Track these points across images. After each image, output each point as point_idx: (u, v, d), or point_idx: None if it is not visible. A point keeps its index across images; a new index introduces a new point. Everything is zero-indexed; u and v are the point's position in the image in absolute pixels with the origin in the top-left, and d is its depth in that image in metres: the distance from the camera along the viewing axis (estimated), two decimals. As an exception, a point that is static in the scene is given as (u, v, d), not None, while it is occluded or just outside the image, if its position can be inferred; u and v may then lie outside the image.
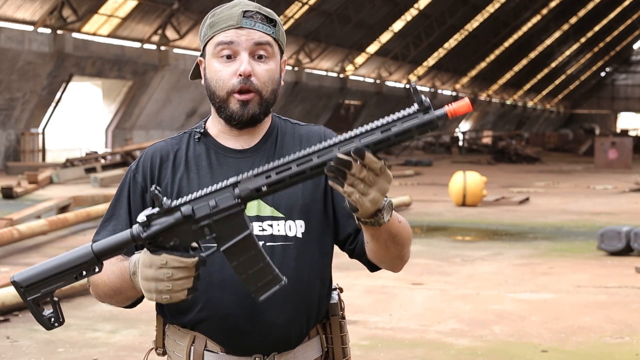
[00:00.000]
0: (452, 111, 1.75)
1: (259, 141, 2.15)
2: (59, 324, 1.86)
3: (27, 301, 1.84)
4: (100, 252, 1.83)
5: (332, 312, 2.18)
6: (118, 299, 2.05)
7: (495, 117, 64.55)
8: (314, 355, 2.14)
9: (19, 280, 1.84)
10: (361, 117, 45.70)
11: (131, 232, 1.82)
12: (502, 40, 52.66)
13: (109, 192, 16.47)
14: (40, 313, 1.85)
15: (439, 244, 11.23)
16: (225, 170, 2.11)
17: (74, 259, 1.83)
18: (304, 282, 2.08)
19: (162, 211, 1.80)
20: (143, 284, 1.84)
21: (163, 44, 29.93)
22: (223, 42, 2.05)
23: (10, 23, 24.52)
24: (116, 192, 2.17)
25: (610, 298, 7.74)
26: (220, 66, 2.07)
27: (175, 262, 1.80)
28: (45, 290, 1.83)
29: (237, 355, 2.07)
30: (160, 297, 1.82)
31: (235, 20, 2.06)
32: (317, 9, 34.92)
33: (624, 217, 14.16)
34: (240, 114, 2.07)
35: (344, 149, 1.74)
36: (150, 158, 2.16)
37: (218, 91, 2.07)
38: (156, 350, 2.17)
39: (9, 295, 6.90)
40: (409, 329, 6.62)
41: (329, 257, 2.18)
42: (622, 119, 78.21)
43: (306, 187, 2.10)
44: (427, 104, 1.74)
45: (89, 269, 1.83)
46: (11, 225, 10.64)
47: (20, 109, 25.95)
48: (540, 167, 31.72)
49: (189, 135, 2.19)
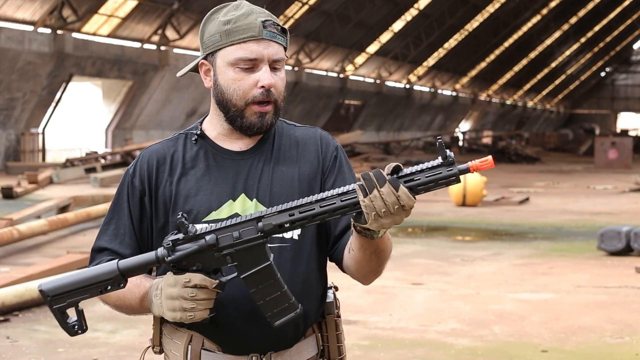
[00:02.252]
0: (475, 167, 1.83)
1: (257, 143, 2.16)
2: (82, 332, 1.95)
3: (54, 309, 1.93)
4: (126, 270, 1.92)
5: (327, 310, 2.19)
6: (125, 312, 2.13)
7: (495, 117, 64.55)
8: (310, 354, 2.16)
9: (46, 289, 1.92)
10: (361, 117, 45.71)
11: (156, 254, 1.91)
12: (502, 40, 52.65)
13: (109, 192, 16.48)
14: (65, 320, 1.93)
15: (439, 244, 11.23)
16: (224, 172, 2.12)
17: (100, 274, 1.92)
18: (300, 283, 2.09)
19: (187, 238, 1.89)
20: (167, 303, 1.92)
21: (163, 44, 29.93)
22: (246, 58, 2.06)
23: (10, 23, 24.52)
24: (115, 196, 2.18)
25: (610, 298, 7.74)
26: (238, 75, 2.07)
27: (198, 280, 1.89)
28: (71, 300, 1.92)
29: (234, 354, 2.09)
30: (185, 316, 1.91)
31: (257, 31, 2.06)
32: (317, 9, 34.92)
33: (624, 217, 14.16)
34: (260, 126, 2.09)
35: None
36: (147, 161, 2.16)
37: (236, 100, 2.08)
38: (153, 348, 2.18)
39: (8, 295, 6.90)
40: (409, 329, 6.62)
41: (324, 258, 2.20)
42: (622, 119, 78.21)
43: (302, 189, 2.12)
44: (451, 159, 1.82)
45: (113, 285, 1.92)
46: (11, 225, 10.64)
47: (20, 109, 25.95)
48: (540, 167, 31.72)
49: (185, 136, 2.19)
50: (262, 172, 2.12)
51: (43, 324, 6.65)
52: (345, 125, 43.82)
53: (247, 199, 2.10)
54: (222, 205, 2.09)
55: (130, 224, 2.13)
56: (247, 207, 2.09)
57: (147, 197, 2.14)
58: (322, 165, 2.17)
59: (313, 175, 2.16)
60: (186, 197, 2.10)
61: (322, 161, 2.17)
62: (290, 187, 2.11)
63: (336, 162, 2.19)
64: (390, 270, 9.08)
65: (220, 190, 2.10)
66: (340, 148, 2.23)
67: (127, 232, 2.14)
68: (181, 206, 2.09)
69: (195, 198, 2.09)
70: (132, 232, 2.14)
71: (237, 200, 2.10)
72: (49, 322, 6.71)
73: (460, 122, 60.58)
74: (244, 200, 2.10)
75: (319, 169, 2.17)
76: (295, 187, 2.12)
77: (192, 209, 2.09)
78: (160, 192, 2.13)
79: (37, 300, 7.09)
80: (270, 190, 2.10)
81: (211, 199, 2.09)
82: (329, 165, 2.18)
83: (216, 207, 2.09)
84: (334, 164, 2.18)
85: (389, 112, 48.01)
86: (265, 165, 2.13)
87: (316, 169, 2.16)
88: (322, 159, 2.18)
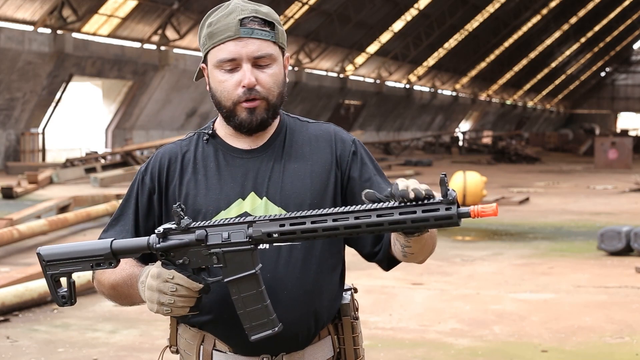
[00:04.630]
0: (477, 212, 1.72)
1: (267, 140, 2.15)
2: (70, 304, 1.97)
3: (47, 275, 1.96)
4: (117, 250, 1.93)
5: (343, 312, 2.17)
6: (122, 302, 2.11)
7: (495, 117, 64.55)
8: (325, 356, 2.14)
9: (43, 254, 1.97)
10: (361, 117, 45.70)
11: (148, 240, 1.91)
12: (502, 40, 52.66)
13: (109, 192, 16.47)
14: (56, 289, 1.96)
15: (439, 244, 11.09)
16: (233, 170, 2.12)
17: (94, 250, 1.94)
18: (311, 283, 2.08)
19: (180, 229, 1.88)
20: (147, 293, 1.90)
21: (163, 44, 29.93)
22: (225, 59, 2.05)
23: (10, 23, 24.51)
24: (126, 193, 2.20)
25: (610, 298, 7.74)
26: (224, 77, 2.07)
27: (181, 281, 1.87)
28: (64, 270, 1.95)
29: (245, 355, 2.08)
30: (162, 309, 1.89)
31: (233, 30, 2.04)
32: (317, 9, 34.92)
33: (624, 217, 14.16)
34: (249, 121, 2.08)
35: (360, 221, 1.78)
36: (159, 160, 2.17)
37: (224, 102, 2.08)
38: (170, 348, 2.19)
39: (8, 295, 6.90)
40: (409, 329, 6.62)
41: (338, 258, 2.17)
42: (622, 119, 78.21)
43: (314, 186, 2.10)
44: (451, 198, 1.73)
45: (105, 262, 1.93)
46: (11, 225, 10.64)
47: (20, 109, 25.94)
48: (540, 167, 31.72)
49: (197, 136, 2.19)
50: (272, 170, 2.11)
51: (43, 324, 6.65)
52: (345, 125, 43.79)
53: (257, 197, 2.09)
54: (231, 205, 2.08)
55: (135, 221, 2.14)
56: (257, 205, 2.08)
57: (157, 196, 2.14)
58: (339, 162, 2.15)
59: (327, 172, 2.13)
60: (195, 196, 2.10)
61: (338, 158, 2.15)
62: (302, 184, 2.10)
63: (356, 157, 2.16)
64: (390, 270, 9.08)
65: (229, 189, 2.10)
66: (358, 142, 2.19)
67: (131, 229, 2.14)
68: (191, 205, 2.09)
69: (204, 197, 2.09)
70: (136, 230, 2.15)
71: (246, 199, 2.09)
72: (49, 322, 6.72)
73: (460, 122, 60.58)
74: (253, 198, 2.09)
75: (332, 165, 2.14)
76: (307, 184, 2.10)
77: (202, 208, 2.09)
78: (170, 192, 2.13)
79: (37, 300, 7.09)
80: (281, 188, 2.08)
81: (220, 198, 2.09)
82: (349, 161, 2.15)
83: (225, 207, 2.08)
84: (353, 159, 2.15)
85: (389, 112, 48.01)
86: (276, 163, 2.12)
87: (330, 166, 2.14)
88: (339, 155, 2.15)
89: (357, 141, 2.19)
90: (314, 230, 1.81)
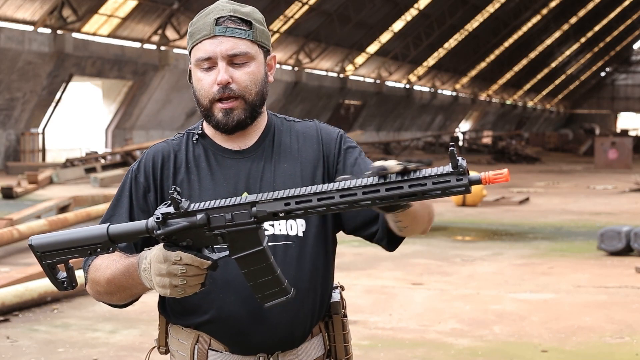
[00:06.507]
0: (488, 179, 1.70)
1: (256, 141, 2.16)
2: (71, 288, 1.94)
3: (43, 265, 1.92)
4: (115, 235, 1.88)
5: (334, 310, 2.19)
6: (120, 296, 2.03)
7: (495, 117, 64.55)
8: (317, 354, 2.16)
9: (35, 245, 1.91)
10: (361, 117, 45.70)
11: (146, 223, 1.86)
12: (502, 40, 52.65)
13: (109, 192, 16.47)
14: (55, 276, 1.93)
15: (439, 244, 11.22)
16: (225, 171, 2.12)
17: (90, 237, 1.89)
18: (306, 281, 2.10)
19: (178, 213, 1.84)
20: (157, 279, 1.85)
21: (163, 44, 29.93)
22: (202, 57, 2.07)
23: (10, 23, 24.52)
24: (117, 193, 2.18)
25: (610, 298, 7.74)
26: (201, 75, 2.09)
27: (189, 260, 1.82)
28: (61, 258, 1.91)
29: (241, 354, 2.09)
30: (175, 292, 1.84)
31: (208, 29, 2.06)
32: (317, 9, 34.91)
33: (624, 217, 14.15)
34: (225, 122, 2.08)
35: (369, 196, 1.75)
36: (152, 158, 2.16)
37: (202, 100, 2.09)
38: (159, 349, 2.18)
39: (8, 295, 6.90)
40: (409, 329, 6.62)
41: (330, 255, 2.19)
42: (622, 119, 78.19)
43: (305, 184, 2.10)
44: (462, 169, 1.71)
45: (102, 248, 1.89)
46: (11, 225, 10.64)
47: (20, 109, 25.95)
48: (540, 167, 31.72)
49: (187, 136, 2.19)
50: (263, 170, 2.12)
51: (43, 324, 6.65)
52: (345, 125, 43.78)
53: None
54: None
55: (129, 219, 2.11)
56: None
57: (152, 194, 2.14)
58: (326, 155, 2.16)
59: (316, 169, 2.15)
60: (189, 197, 2.09)
61: (324, 152, 2.16)
62: (293, 183, 2.11)
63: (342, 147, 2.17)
64: (390, 270, 9.08)
65: (222, 190, 2.10)
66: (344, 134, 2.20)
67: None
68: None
69: (198, 198, 2.08)
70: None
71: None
72: (49, 322, 6.72)
73: (460, 122, 60.58)
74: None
75: (320, 161, 2.16)
76: (298, 183, 2.11)
77: None
78: (166, 189, 2.13)
79: (37, 300, 7.09)
80: (274, 188, 2.09)
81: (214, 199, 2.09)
82: (335, 154, 2.17)
83: None
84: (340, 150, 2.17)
85: (389, 112, 48.01)
86: (267, 163, 2.13)
87: (318, 161, 2.16)
88: (325, 149, 2.17)
89: (344, 134, 2.21)
90: (321, 206, 1.77)
